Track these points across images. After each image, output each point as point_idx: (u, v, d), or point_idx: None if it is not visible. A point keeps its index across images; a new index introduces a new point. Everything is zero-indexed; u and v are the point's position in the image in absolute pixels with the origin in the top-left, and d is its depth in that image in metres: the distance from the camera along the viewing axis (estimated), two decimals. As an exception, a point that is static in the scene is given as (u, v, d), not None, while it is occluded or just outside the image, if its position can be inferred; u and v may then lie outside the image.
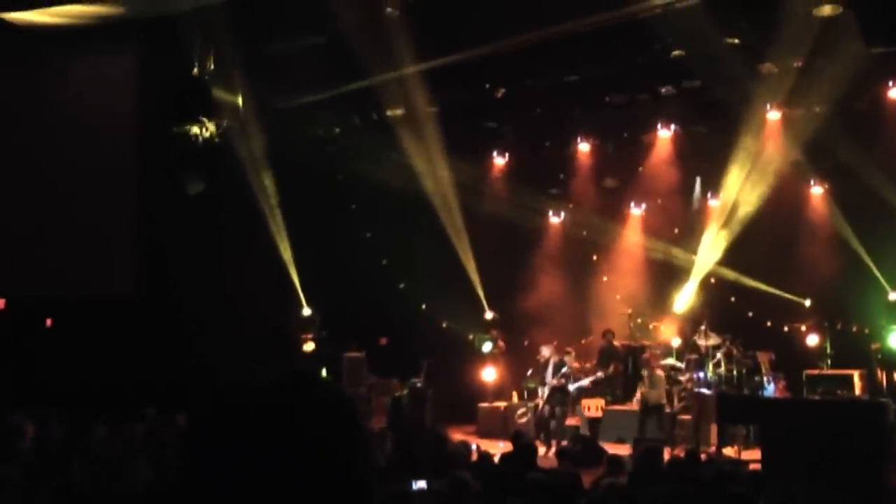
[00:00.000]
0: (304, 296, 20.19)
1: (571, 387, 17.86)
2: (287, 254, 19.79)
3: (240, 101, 18.54)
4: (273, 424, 1.48)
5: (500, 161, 22.45)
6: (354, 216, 21.44)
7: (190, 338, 17.16)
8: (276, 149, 18.96)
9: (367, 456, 1.56)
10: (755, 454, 14.09)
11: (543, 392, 17.84)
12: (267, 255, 19.35)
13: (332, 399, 1.55)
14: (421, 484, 8.62)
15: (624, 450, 15.65)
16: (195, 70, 17.76)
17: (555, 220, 23.31)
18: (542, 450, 15.57)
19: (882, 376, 16.43)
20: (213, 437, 1.49)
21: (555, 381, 17.52)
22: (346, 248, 20.52)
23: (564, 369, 17.74)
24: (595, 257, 22.67)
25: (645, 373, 17.46)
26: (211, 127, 17.97)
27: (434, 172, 20.29)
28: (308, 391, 1.55)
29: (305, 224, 19.69)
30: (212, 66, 17.86)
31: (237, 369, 1.63)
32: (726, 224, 20.29)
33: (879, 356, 16.63)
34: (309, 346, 19.30)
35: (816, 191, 20.27)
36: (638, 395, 17.65)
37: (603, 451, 14.78)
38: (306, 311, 20.14)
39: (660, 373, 17.33)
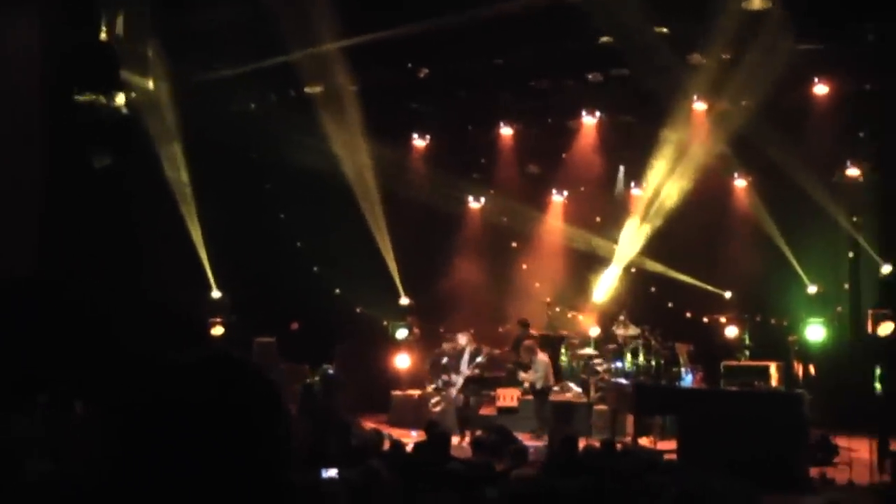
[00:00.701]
0: (215, 278, 20.02)
1: (463, 365, 17.96)
2: (197, 234, 19.58)
3: (151, 72, 18.26)
4: (198, 409, 1.49)
5: (420, 143, 22.45)
6: (269, 196, 21.29)
7: (92, 320, 16.88)
8: (189, 124, 18.72)
9: (287, 438, 1.57)
10: (671, 445, 14.38)
11: (458, 381, 17.95)
12: (176, 235, 19.12)
13: (255, 381, 1.57)
14: (331, 473, 8.64)
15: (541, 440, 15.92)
16: (103, 36, 17.41)
17: (475, 205, 23.43)
18: (456, 439, 15.70)
19: (799, 368, 16.85)
20: (136, 425, 1.50)
21: (469, 371, 17.67)
22: (259, 229, 20.38)
23: (479, 358, 17.88)
24: (515, 244, 22.84)
25: (532, 358, 17.72)
26: (119, 98, 17.65)
27: (353, 153, 20.22)
28: (231, 374, 1.55)
29: (217, 204, 19.50)
30: (122, 33, 17.53)
31: (150, 354, 1.63)
32: (649, 214, 20.58)
33: (797, 348, 17.05)
34: (218, 331, 19.13)
35: (740, 184, 20.69)
36: (525, 382, 17.91)
37: (517, 442, 14.96)
38: (216, 294, 19.97)
39: (542, 357, 17.58)
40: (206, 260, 19.85)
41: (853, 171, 19.00)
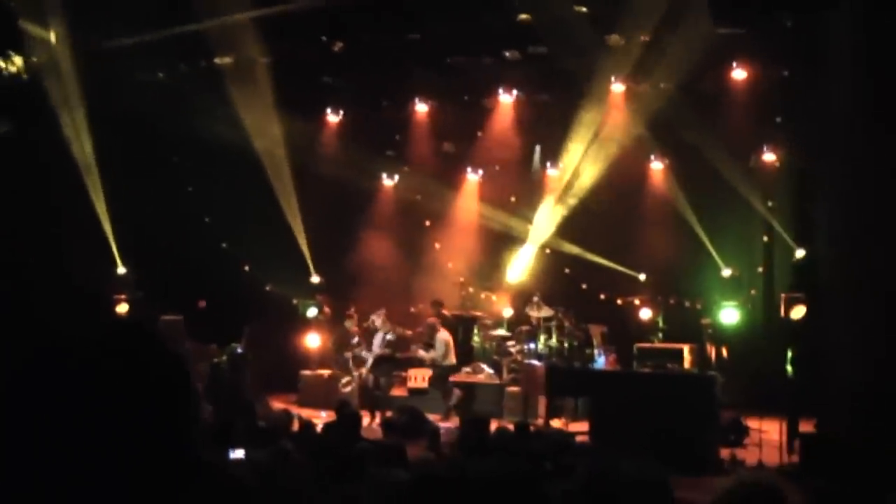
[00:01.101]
0: (119, 253, 19.70)
1: (375, 345, 17.98)
2: (101, 207, 19.24)
3: (52, 35, 17.84)
4: (100, 382, 1.45)
5: (333, 119, 22.30)
6: (176, 170, 20.98)
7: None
8: (93, 92, 18.36)
9: (196, 415, 1.54)
10: (583, 426, 14.54)
11: (369, 360, 17.96)
12: (79, 208, 18.78)
13: (161, 355, 1.53)
14: (239, 453, 8.58)
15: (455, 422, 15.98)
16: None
17: (388, 182, 23.40)
18: (366, 420, 15.71)
19: (711, 351, 17.12)
20: (31, 397, 1.45)
21: (380, 351, 17.66)
22: (165, 203, 20.09)
23: (389, 336, 17.86)
24: (428, 223, 22.86)
25: (433, 336, 17.81)
26: (18, 61, 17.25)
27: (263, 127, 20.02)
28: (136, 346, 1.51)
29: (122, 176, 19.18)
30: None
31: (49, 328, 1.57)
32: (564, 195, 20.74)
33: (710, 331, 17.32)
34: (123, 308, 18.84)
35: (657, 166, 20.91)
36: (426, 361, 18.01)
37: (429, 423, 15.01)
38: (121, 270, 19.67)
39: (442, 335, 17.65)
40: (110, 234, 19.54)
41: (769, 156, 19.37)
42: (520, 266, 21.19)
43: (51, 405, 1.43)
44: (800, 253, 16.78)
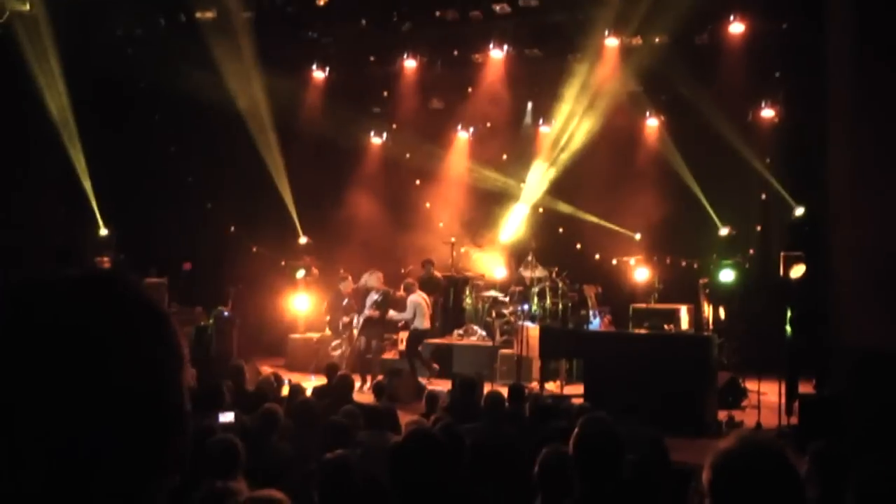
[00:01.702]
0: (101, 214, 19.65)
1: (367, 305, 17.92)
2: (82, 166, 19.18)
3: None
4: (73, 330, 1.42)
5: (319, 75, 22.11)
6: (158, 128, 20.88)
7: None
8: (70, 47, 18.22)
9: (180, 368, 1.52)
10: (578, 389, 14.58)
11: (358, 322, 17.94)
12: (58, 167, 18.71)
13: (142, 305, 1.50)
14: (227, 417, 8.61)
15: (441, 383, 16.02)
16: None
17: (376, 140, 23.31)
18: (358, 385, 15.76)
19: (709, 311, 17.16)
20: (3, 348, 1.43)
21: (368, 312, 17.62)
22: (148, 163, 20.02)
23: (375, 296, 17.78)
24: (418, 182, 22.81)
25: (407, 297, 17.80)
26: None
27: (247, 84, 19.92)
28: (114, 294, 1.49)
29: (103, 135, 19.09)
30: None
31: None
32: (557, 153, 20.66)
33: (707, 291, 17.34)
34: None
35: (652, 123, 20.84)
36: (394, 319, 18.05)
37: (422, 387, 15.07)
38: (103, 232, 19.62)
39: (413, 297, 17.61)
40: (91, 195, 19.47)
41: (767, 112, 19.32)
42: (512, 226, 21.17)
43: (14, 357, 1.40)
44: (799, 210, 16.80)
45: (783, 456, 3.05)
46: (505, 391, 10.43)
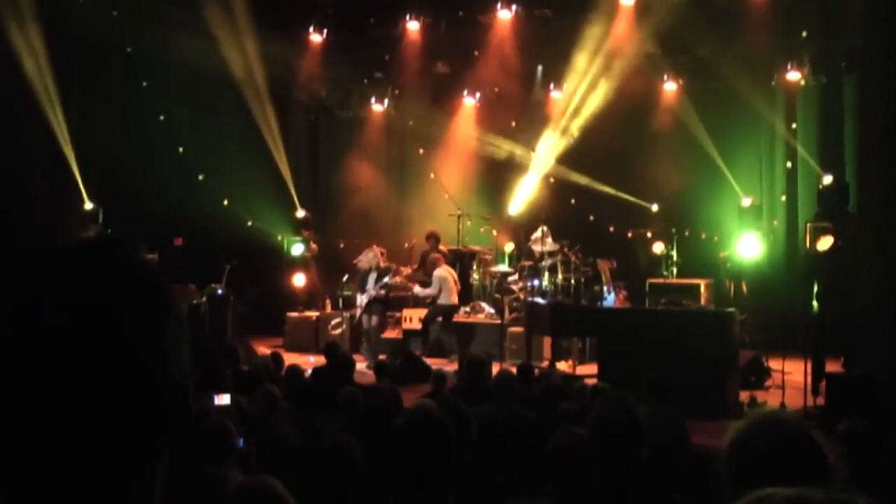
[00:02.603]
0: (86, 186, 19.62)
1: (369, 284, 17.84)
2: (64, 136, 19.12)
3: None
4: (72, 301, 1.41)
5: (316, 38, 21.99)
6: (146, 96, 20.81)
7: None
8: (50, 8, 18.13)
9: (182, 344, 1.51)
10: (591, 369, 14.57)
11: (362, 301, 17.95)
12: (40, 137, 18.67)
13: (142, 273, 1.49)
14: (224, 399, 8.62)
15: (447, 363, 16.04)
16: None
17: (378, 107, 23.23)
18: (360, 365, 15.78)
19: (730, 286, 17.13)
20: None
21: (374, 291, 17.61)
22: (135, 132, 19.96)
23: (387, 279, 17.81)
24: (422, 151, 22.76)
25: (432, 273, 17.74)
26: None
27: (241, 48, 19.85)
28: (112, 262, 1.47)
29: (87, 102, 19.04)
30: None
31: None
32: (570, 119, 20.61)
33: (728, 265, 17.31)
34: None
35: (670, 87, 20.70)
36: (420, 295, 18.03)
37: (427, 367, 15.07)
38: (88, 205, 19.60)
39: (439, 272, 17.51)
40: (75, 166, 19.43)
41: (793, 75, 19.16)
42: (522, 197, 21.12)
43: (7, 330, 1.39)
44: (826, 179, 16.68)
45: (806, 433, 3.00)
46: (514, 371, 10.43)
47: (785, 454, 2.89)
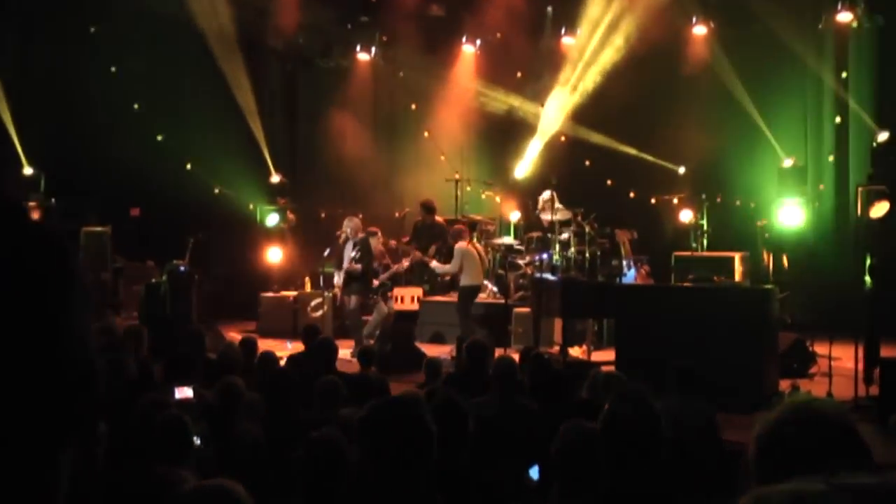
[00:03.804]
0: (24, 149, 19.53)
1: (345, 259, 17.62)
2: (-2, 91, 19.12)
3: None
4: None
5: (293, -23, 22.01)
6: (96, 44, 20.72)
7: None
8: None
9: (85, 317, 1.46)
10: (608, 355, 14.55)
11: (339, 278, 17.78)
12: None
13: (36, 238, 1.45)
14: (185, 392, 8.60)
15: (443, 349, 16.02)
16: None
17: (363, 56, 23.16)
18: (344, 352, 15.74)
19: (768, 259, 17.10)
20: None
21: (347, 265, 17.35)
22: (83, 86, 19.89)
23: (353, 253, 17.42)
24: (414, 106, 22.71)
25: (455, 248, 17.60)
26: None
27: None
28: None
29: (25, 51, 18.96)
30: None
31: None
32: (584, 69, 20.56)
33: (766, 235, 17.27)
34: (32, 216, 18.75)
35: (699, 31, 20.60)
36: (440, 271, 17.97)
37: (420, 354, 15.03)
38: (28, 171, 19.52)
39: (461, 245, 17.34)
40: (11, 125, 19.34)
41: (844, 16, 19.06)
42: (529, 159, 21.10)
43: None
44: (882, 136, 16.60)
45: (847, 426, 2.93)
46: (518, 358, 10.39)
47: (820, 450, 2.81)
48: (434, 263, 18.15)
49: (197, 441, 6.74)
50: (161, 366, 9.91)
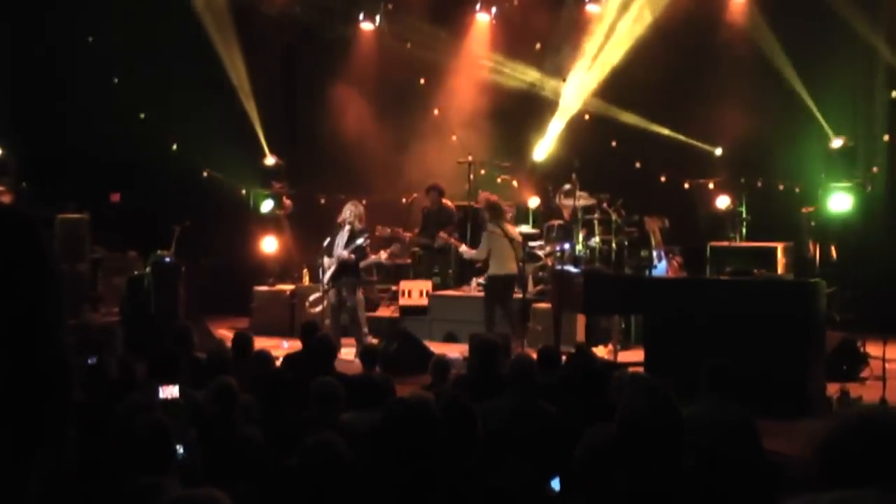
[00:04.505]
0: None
1: (338, 247, 17.37)
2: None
3: None
4: None
5: (289, -63, 22.05)
6: (71, 13, 20.73)
7: None
8: None
9: (58, 312, 1.46)
10: (636, 355, 14.54)
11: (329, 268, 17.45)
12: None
13: (5, 220, 1.45)
14: (171, 391, 8.61)
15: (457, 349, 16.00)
16: None
17: (367, 26, 23.19)
18: (348, 351, 15.78)
19: (814, 250, 17.07)
20: None
21: (345, 254, 17.15)
22: (57, 59, 19.91)
23: (360, 241, 17.27)
24: (423, 81, 22.67)
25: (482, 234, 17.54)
26: None
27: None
28: None
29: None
30: None
31: None
32: (609, 40, 20.52)
33: (812, 223, 17.23)
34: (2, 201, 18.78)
35: (738, -3, 20.63)
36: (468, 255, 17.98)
37: (429, 353, 15.02)
38: (-3, 154, 19.59)
39: (494, 229, 17.22)
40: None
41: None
42: (549, 139, 21.07)
43: None
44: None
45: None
46: (536, 357, 10.37)
47: (888, 465, 2.78)
48: (463, 248, 18.13)
49: (180, 449, 6.74)
50: (143, 365, 9.92)
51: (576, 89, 20.97)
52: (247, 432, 8.08)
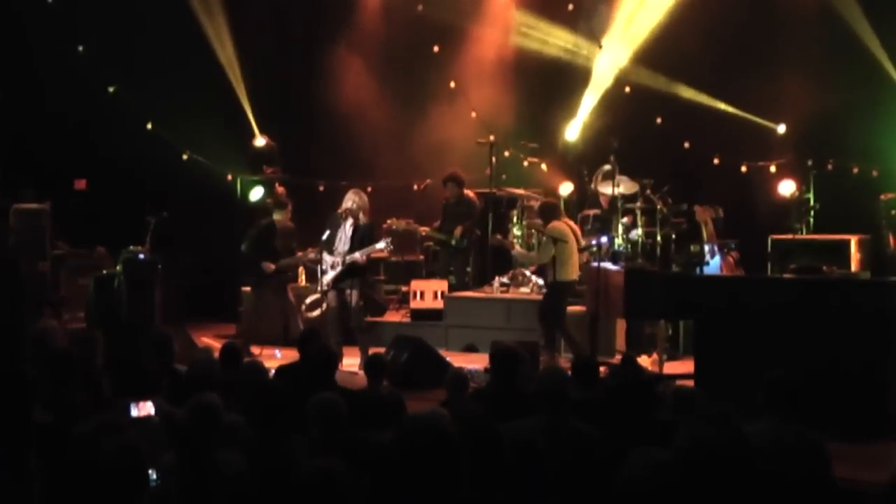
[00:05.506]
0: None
1: (340, 243, 17.24)
2: None
3: None
4: None
5: None
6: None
7: None
8: None
9: (11, 307, 1.45)
10: (685, 367, 14.51)
11: (333, 262, 17.38)
12: None
13: None
14: (145, 408, 8.63)
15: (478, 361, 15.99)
16: None
17: (373, -14, 23.21)
18: (351, 362, 15.80)
19: (894, 243, 17.01)
20: None
21: (359, 256, 17.06)
22: (16, 28, 19.96)
23: (381, 245, 17.11)
24: (437, 48, 22.64)
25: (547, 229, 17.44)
26: None
27: None
28: None
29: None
30: None
31: None
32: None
33: (892, 213, 17.18)
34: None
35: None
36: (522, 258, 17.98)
37: (444, 364, 15.03)
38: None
39: (559, 226, 17.13)
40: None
41: None
42: (583, 115, 21.04)
43: None
44: None
45: None
46: (569, 368, 10.37)
47: None
48: (518, 249, 18.08)
49: (153, 474, 6.74)
50: (111, 379, 9.92)
51: (614, 57, 20.91)
52: (229, 457, 8.08)
